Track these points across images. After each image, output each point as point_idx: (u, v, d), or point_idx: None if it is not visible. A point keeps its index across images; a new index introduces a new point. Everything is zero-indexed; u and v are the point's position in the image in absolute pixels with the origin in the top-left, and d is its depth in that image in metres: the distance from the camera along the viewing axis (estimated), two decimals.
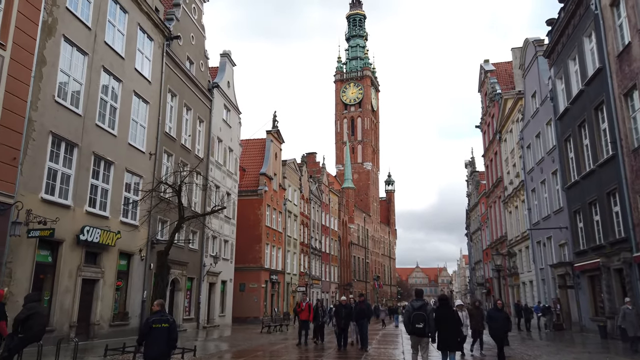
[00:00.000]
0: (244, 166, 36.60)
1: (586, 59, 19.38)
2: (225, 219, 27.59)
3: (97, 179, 15.60)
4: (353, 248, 66.40)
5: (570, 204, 21.81)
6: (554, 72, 23.45)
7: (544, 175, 25.51)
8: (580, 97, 19.96)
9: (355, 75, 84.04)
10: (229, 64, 28.78)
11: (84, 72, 14.97)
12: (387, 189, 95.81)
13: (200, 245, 23.75)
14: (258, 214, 34.33)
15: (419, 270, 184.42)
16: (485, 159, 42.62)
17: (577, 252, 21.04)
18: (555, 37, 22.41)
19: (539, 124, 26.07)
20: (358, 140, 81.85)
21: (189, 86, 22.87)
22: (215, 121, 26.21)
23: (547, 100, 24.50)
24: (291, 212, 41.48)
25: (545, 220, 25.54)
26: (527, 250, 30.08)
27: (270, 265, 35.49)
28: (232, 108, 28.98)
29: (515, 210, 32.72)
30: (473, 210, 51.95)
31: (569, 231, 22.15)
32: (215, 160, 26.03)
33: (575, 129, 20.70)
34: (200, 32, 24.56)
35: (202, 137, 24.53)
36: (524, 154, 29.33)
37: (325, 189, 54.57)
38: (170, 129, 21.11)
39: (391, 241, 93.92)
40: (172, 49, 20.97)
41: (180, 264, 21.34)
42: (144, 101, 18.64)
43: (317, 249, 50.15)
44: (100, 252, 15.59)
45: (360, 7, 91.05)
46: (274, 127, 38.30)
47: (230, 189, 28.67)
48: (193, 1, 23.70)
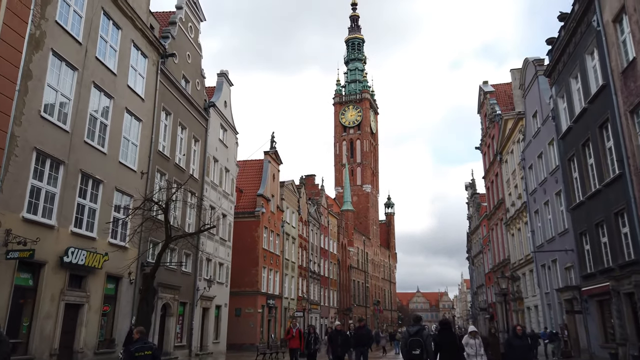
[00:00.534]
0: (241, 187, 36.01)
1: (589, 77, 18.99)
2: (220, 241, 26.84)
3: (84, 198, 14.97)
4: (353, 272, 65.27)
5: (575, 226, 21.13)
6: (555, 91, 23.07)
7: (547, 196, 24.89)
8: (583, 115, 19.50)
9: (354, 98, 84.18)
10: (226, 83, 28.46)
11: (73, 88, 14.49)
12: (387, 211, 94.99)
13: (194, 268, 22.95)
14: (255, 236, 33.57)
15: (420, 295, 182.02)
16: (485, 180, 42.06)
17: (585, 276, 20.27)
18: (556, 56, 22.11)
19: (540, 144, 25.59)
20: (357, 163, 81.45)
21: (184, 105, 22.45)
22: (211, 141, 25.72)
23: (548, 119, 24.06)
24: (289, 235, 40.69)
25: (549, 243, 24.81)
26: (531, 274, 29.24)
27: (267, 290, 34.54)
28: (228, 128, 28.54)
29: (517, 233, 31.99)
30: (474, 233, 51.14)
31: (575, 254, 21.42)
32: (210, 180, 25.44)
33: (579, 148, 20.17)
34: (197, 50, 24.28)
35: (197, 157, 24.00)
36: (525, 175, 28.78)
37: (324, 211, 53.86)
38: (163, 147, 20.58)
39: (391, 265, 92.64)
40: (167, 67, 20.60)
41: (172, 288, 20.52)
42: (137, 119, 18.15)
43: (316, 272, 49.15)
44: (85, 275, 14.84)
45: (359, 32, 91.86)
46: (272, 148, 37.85)
47: (226, 211, 27.99)
48: (190, 20, 23.47)
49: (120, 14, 17.10)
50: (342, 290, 59.83)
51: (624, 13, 15.74)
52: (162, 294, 19.50)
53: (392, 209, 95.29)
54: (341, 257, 60.61)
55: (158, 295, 19.17)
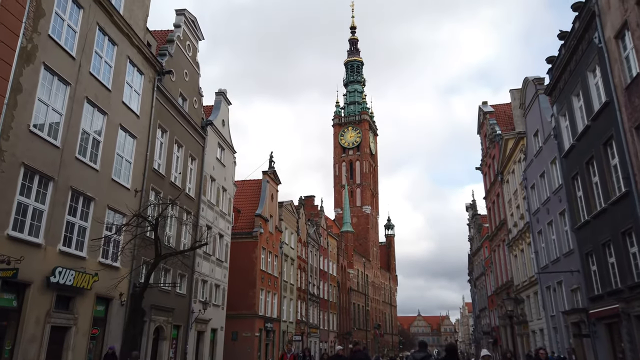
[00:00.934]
0: (239, 207, 35.50)
1: (591, 94, 18.71)
2: (216, 262, 26.21)
3: (74, 215, 14.48)
4: (353, 294, 64.19)
5: (581, 246, 20.58)
6: (556, 109, 22.81)
7: (551, 216, 24.39)
8: (586, 133, 19.16)
9: (353, 120, 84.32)
10: (224, 102, 28.24)
11: (65, 103, 14.16)
12: (387, 233, 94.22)
13: (189, 289, 22.28)
14: (253, 257, 32.91)
15: (421, 318, 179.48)
16: (487, 201, 41.57)
17: (592, 298, 19.63)
18: (557, 74, 21.91)
19: (543, 163, 25.22)
20: (357, 184, 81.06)
21: (180, 123, 22.14)
22: (209, 159, 25.34)
23: (550, 138, 23.74)
24: (288, 256, 39.99)
25: (554, 264, 24.20)
26: (535, 296, 28.51)
27: (265, 313, 33.70)
28: (226, 147, 28.20)
29: (520, 254, 31.36)
30: (476, 255, 50.38)
31: (581, 275, 20.80)
32: (207, 199, 24.97)
33: (582, 166, 19.78)
34: (195, 69, 24.10)
35: (193, 176, 23.58)
36: (528, 195, 28.32)
37: (323, 232, 53.20)
38: (159, 165, 20.17)
39: (392, 287, 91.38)
40: (163, 84, 20.36)
41: (166, 310, 19.84)
42: (131, 136, 17.79)
43: (315, 295, 48.22)
44: (73, 296, 14.24)
45: (358, 55, 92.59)
46: (271, 168, 37.48)
47: (223, 230, 27.43)
48: (188, 38, 23.36)
49: (117, 30, 16.90)
50: (341, 314, 58.71)
51: (627, 29, 15.53)
52: (154, 317, 18.83)
53: (392, 230, 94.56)
54: (341, 280, 59.67)
55: (150, 318, 18.50)
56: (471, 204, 52.04)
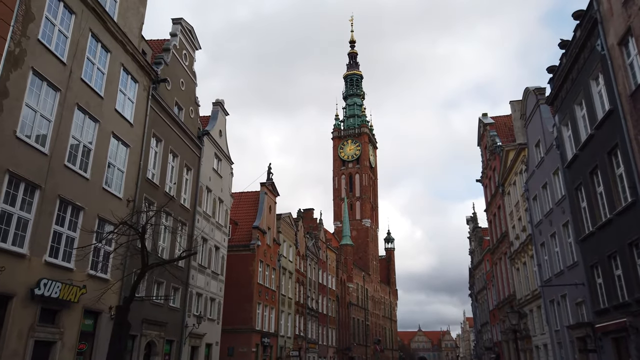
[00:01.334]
0: (236, 220, 34.97)
1: (594, 102, 18.33)
2: (212, 275, 25.60)
3: (61, 225, 13.99)
4: (352, 309, 63.26)
5: (586, 258, 20.04)
6: (558, 119, 22.43)
7: (554, 228, 23.87)
8: (590, 142, 18.75)
9: (352, 132, 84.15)
10: (222, 113, 27.90)
11: (55, 109, 13.76)
12: (387, 246, 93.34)
13: (183, 303, 21.66)
14: (250, 270, 32.29)
15: (422, 334, 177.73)
16: (487, 213, 41.04)
17: (598, 311, 19.03)
18: (558, 84, 21.59)
19: (545, 174, 24.78)
20: (356, 197, 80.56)
21: (176, 132, 21.74)
22: (205, 170, 24.90)
23: (552, 148, 23.34)
24: (286, 269, 39.34)
25: (558, 277, 23.62)
26: (539, 310, 27.85)
27: (262, 327, 32.97)
28: (223, 157, 27.79)
29: (523, 267, 30.76)
30: (477, 268, 49.68)
31: (586, 288, 20.22)
32: (203, 211, 24.47)
33: (586, 176, 19.33)
34: (191, 78, 23.78)
35: (189, 186, 23.12)
36: (530, 207, 27.83)
37: (322, 245, 52.55)
38: (153, 175, 19.73)
39: (392, 302, 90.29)
40: (159, 93, 20.00)
41: (158, 325, 19.22)
42: (124, 144, 17.37)
43: (314, 309, 47.42)
44: (59, 310, 13.68)
45: (357, 68, 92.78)
46: (269, 180, 37.03)
47: (219, 243, 26.87)
48: (184, 47, 23.08)
49: (110, 37, 16.58)
50: (341, 328, 57.76)
51: (630, 35, 15.20)
52: (146, 331, 18.20)
53: (392, 244, 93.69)
54: (340, 294, 58.84)
55: (141, 332, 17.88)
56: (472, 216, 51.48)
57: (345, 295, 61.33)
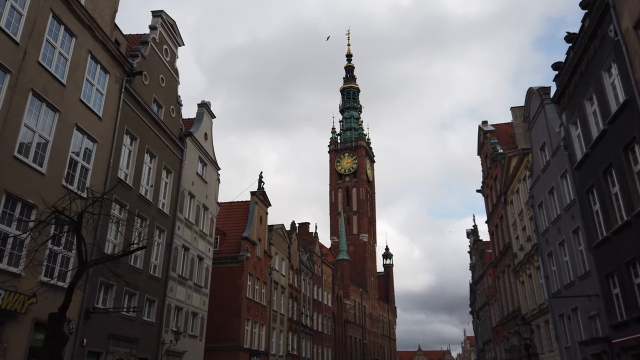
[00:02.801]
0: (224, 230, 33.19)
1: (607, 95, 16.82)
2: (194, 287, 23.71)
3: (9, 225, 12.26)
4: (349, 327, 60.94)
5: (599, 267, 18.30)
6: (566, 117, 20.92)
7: (562, 236, 22.16)
8: (602, 138, 17.19)
9: (349, 146, 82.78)
10: (207, 115, 26.35)
11: (3, 92, 12.15)
12: (385, 262, 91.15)
13: (159, 317, 19.77)
14: (238, 283, 30.38)
15: (422, 353, 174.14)
16: (489, 224, 39.29)
17: (615, 325, 17.24)
18: (565, 79, 20.12)
19: (551, 178, 23.17)
20: (353, 211, 78.76)
21: (154, 131, 20.14)
22: (187, 174, 23.24)
23: (559, 150, 21.77)
24: (278, 284, 37.37)
25: (568, 288, 21.82)
26: (547, 326, 25.95)
27: (250, 345, 30.91)
28: (209, 162, 26.14)
29: (528, 280, 28.92)
30: (479, 283, 47.69)
31: (600, 299, 18.44)
32: (184, 217, 22.72)
33: (599, 176, 17.72)
34: (173, 75, 22.27)
35: (169, 190, 21.42)
36: (535, 214, 26.13)
37: (317, 259, 50.58)
38: (126, 175, 18.06)
39: (391, 320, 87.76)
40: (134, 87, 18.45)
41: (129, 341, 17.33)
42: (91, 138, 15.74)
43: (308, 326, 45.26)
44: (3, 322, 11.87)
45: (354, 82, 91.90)
46: (260, 189, 35.34)
47: (203, 253, 25.05)
48: (165, 42, 21.62)
49: (76, 21, 15.08)
50: (337, 347, 55.41)
51: None
52: (113, 348, 16.31)
53: (390, 260, 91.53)
54: (336, 311, 56.63)
55: (108, 349, 15.97)
56: (472, 229, 49.69)
57: (342, 312, 59.10)
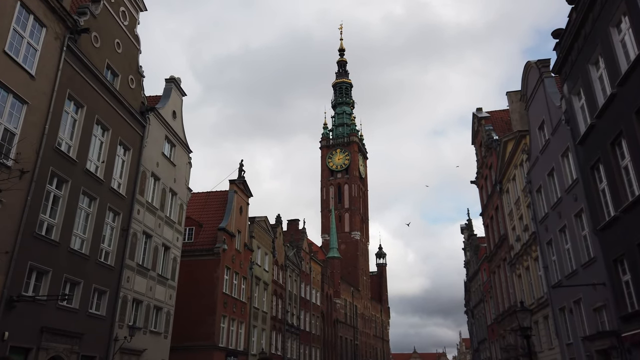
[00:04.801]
0: (201, 221, 30.97)
1: (616, 54, 14.76)
2: (158, 279, 21.43)
3: None
4: (339, 327, 58.67)
5: (607, 251, 16.21)
6: (567, 88, 18.86)
7: (564, 220, 20.09)
8: (611, 104, 15.13)
9: (341, 142, 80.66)
10: (176, 91, 24.11)
11: None
12: (378, 262, 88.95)
13: (111, 310, 17.48)
14: (214, 277, 28.13)
15: (417, 355, 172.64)
16: (484, 217, 37.22)
17: (625, 317, 15.17)
18: (567, 44, 18.06)
19: (551, 158, 21.12)
20: (345, 208, 76.55)
21: (107, 100, 17.91)
22: (150, 153, 21.02)
23: (560, 125, 19.72)
24: (260, 279, 35.12)
25: (569, 278, 19.72)
26: (546, 322, 23.84)
27: (227, 344, 28.64)
28: (178, 143, 23.91)
29: (525, 272, 26.82)
30: (473, 280, 45.58)
31: (608, 288, 16.35)
32: (146, 201, 20.48)
33: (606, 148, 15.65)
34: (132, 42, 20.04)
35: (126, 168, 19.18)
36: (533, 201, 24.07)
37: (305, 256, 48.35)
38: (69, 147, 15.83)
39: (384, 320, 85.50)
40: (80, 48, 16.23)
41: (68, 336, 15.04)
42: (19, 99, 13.52)
43: (295, 326, 43.00)
44: None
45: (347, 77, 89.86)
46: (240, 178, 33.12)
47: (170, 242, 22.78)
48: (122, 4, 19.40)
49: None
50: (326, 348, 53.13)
51: None
52: (47, 343, 14.04)
53: (384, 259, 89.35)
54: (326, 310, 54.37)
55: (39, 345, 13.67)
56: (466, 224, 47.62)
57: (332, 311, 56.84)
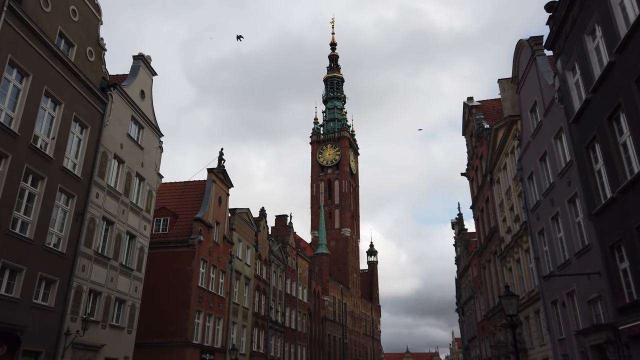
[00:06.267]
0: (176, 211, 29.42)
1: (614, 19, 13.42)
2: (120, 269, 19.87)
3: None
4: (328, 325, 57.23)
5: (602, 237, 14.88)
6: (561, 63, 17.52)
7: (556, 207, 18.76)
8: (608, 75, 13.80)
9: (332, 137, 79.20)
10: (146, 70, 22.55)
11: None
12: (370, 260, 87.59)
13: (61, 301, 15.93)
14: (188, 270, 26.58)
15: (410, 355, 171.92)
16: (474, 210, 35.91)
17: (622, 308, 13.85)
18: (561, 15, 16.72)
19: (543, 141, 19.79)
20: (335, 205, 75.07)
21: (59, 71, 16.36)
22: (113, 133, 19.46)
23: (553, 105, 18.40)
24: (241, 274, 33.58)
25: (562, 269, 18.39)
26: (536, 316, 22.51)
27: (202, 340, 27.10)
28: (147, 125, 22.36)
29: (516, 265, 25.49)
30: (464, 276, 44.28)
31: (603, 278, 15.02)
32: (107, 184, 18.93)
33: (603, 124, 14.31)
34: (92, 11, 18.48)
35: (83, 148, 17.62)
36: (524, 188, 22.75)
37: (291, 251, 46.86)
38: (10, 120, 14.28)
39: (375, 319, 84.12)
40: (25, 10, 14.69)
41: (6, 328, 13.52)
42: None
43: (279, 323, 41.50)
44: None
45: (338, 71, 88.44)
46: (220, 167, 31.58)
47: (136, 230, 21.22)
48: None
49: None
50: (313, 346, 51.66)
51: None
52: None
53: (375, 257, 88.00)
54: (313, 307, 52.90)
55: None
56: (457, 219, 46.32)
57: (320, 309, 55.38)
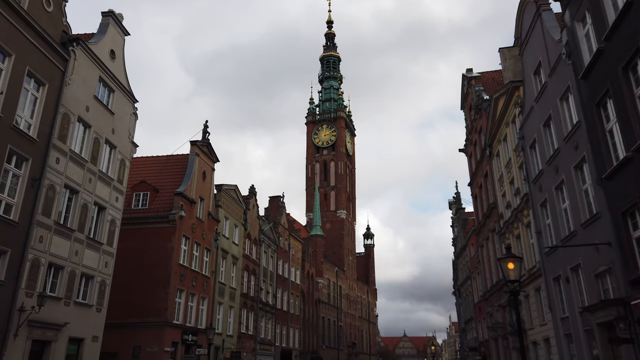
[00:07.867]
0: (157, 186, 27.84)
1: None
2: (88, 242, 18.31)
3: None
4: (321, 307, 56.10)
5: (614, 203, 13.33)
6: (570, 14, 15.78)
7: (561, 175, 17.18)
8: (625, 17, 12.12)
9: (328, 117, 77.32)
10: (116, 28, 20.73)
11: None
12: (366, 243, 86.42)
13: (13, 274, 14.39)
14: (168, 247, 25.08)
15: (407, 339, 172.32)
16: (472, 187, 34.37)
17: (635, 280, 12.42)
18: None
19: (548, 105, 18.15)
20: (331, 186, 73.50)
21: (8, 18, 14.60)
22: (77, 94, 17.75)
23: (560, 62, 16.71)
24: (227, 252, 32.13)
25: (567, 242, 16.85)
26: (537, 294, 21.08)
27: (184, 321, 25.71)
28: (118, 89, 20.62)
29: (516, 242, 23.98)
30: (461, 257, 42.93)
31: (614, 248, 13.50)
32: (69, 149, 17.28)
33: (617, 76, 12.68)
34: None
35: (39, 107, 15.94)
36: (526, 158, 21.17)
37: (284, 232, 45.42)
38: None
39: (370, 302, 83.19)
40: None
41: None
42: None
43: (270, 304, 40.21)
44: None
45: (335, 50, 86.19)
46: (204, 140, 29.91)
47: (106, 202, 19.63)
48: None
49: None
50: (306, 329, 50.54)
51: None
52: None
53: (372, 240, 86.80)
54: (306, 289, 51.67)
55: None
56: (454, 198, 44.83)
57: (313, 291, 54.16)
